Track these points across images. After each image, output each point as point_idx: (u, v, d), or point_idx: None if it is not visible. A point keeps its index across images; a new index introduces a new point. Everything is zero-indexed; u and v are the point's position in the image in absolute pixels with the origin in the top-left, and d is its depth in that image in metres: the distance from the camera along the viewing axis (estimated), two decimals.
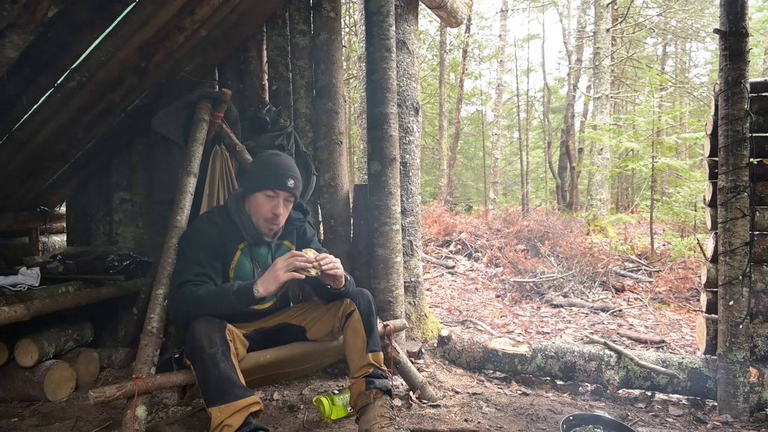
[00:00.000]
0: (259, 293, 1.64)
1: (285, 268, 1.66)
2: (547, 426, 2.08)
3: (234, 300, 1.64)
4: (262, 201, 1.84)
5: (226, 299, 1.64)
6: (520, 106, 16.07)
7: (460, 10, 3.46)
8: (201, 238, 1.81)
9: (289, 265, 1.66)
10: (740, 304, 2.24)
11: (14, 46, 1.87)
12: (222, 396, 1.49)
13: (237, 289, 1.66)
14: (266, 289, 1.65)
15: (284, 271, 1.66)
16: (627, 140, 7.88)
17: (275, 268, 1.67)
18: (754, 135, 2.32)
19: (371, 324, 1.88)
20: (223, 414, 1.47)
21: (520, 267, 5.60)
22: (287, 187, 1.83)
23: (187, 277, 1.71)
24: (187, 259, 1.78)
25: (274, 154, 1.92)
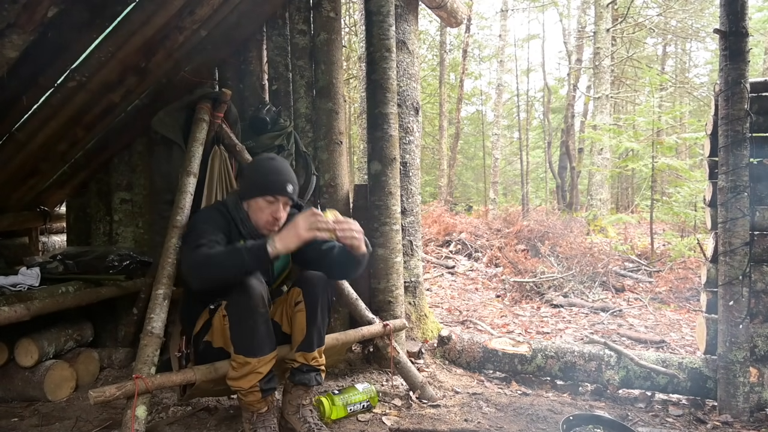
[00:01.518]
0: (276, 249, 1.60)
1: (307, 226, 1.61)
2: (547, 426, 2.08)
3: (246, 257, 1.60)
4: (263, 206, 1.84)
5: (239, 256, 1.60)
6: (520, 106, 16.06)
7: (460, 10, 3.46)
8: (210, 219, 1.82)
9: (312, 224, 1.62)
10: (740, 304, 2.24)
11: (14, 46, 1.87)
12: (261, 350, 1.70)
13: (251, 247, 1.62)
14: (285, 246, 1.61)
15: (306, 229, 1.61)
16: (627, 140, 7.88)
17: (296, 225, 1.62)
18: (754, 135, 2.32)
19: (315, 318, 1.84)
20: (260, 363, 1.70)
21: (520, 267, 5.60)
22: (287, 193, 1.84)
23: (199, 241, 1.68)
24: (199, 230, 1.75)
25: (271, 159, 1.93)
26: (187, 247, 1.73)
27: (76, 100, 2.47)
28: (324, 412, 2.06)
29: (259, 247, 1.61)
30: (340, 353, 2.32)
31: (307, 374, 1.88)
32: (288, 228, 1.64)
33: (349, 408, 2.10)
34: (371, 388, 2.21)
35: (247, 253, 1.61)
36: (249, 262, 1.61)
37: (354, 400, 2.12)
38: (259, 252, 1.60)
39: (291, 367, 1.88)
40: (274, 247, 1.60)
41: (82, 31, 2.16)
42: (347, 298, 2.38)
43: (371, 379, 2.53)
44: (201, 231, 1.74)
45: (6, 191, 2.91)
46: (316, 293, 1.84)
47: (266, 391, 1.75)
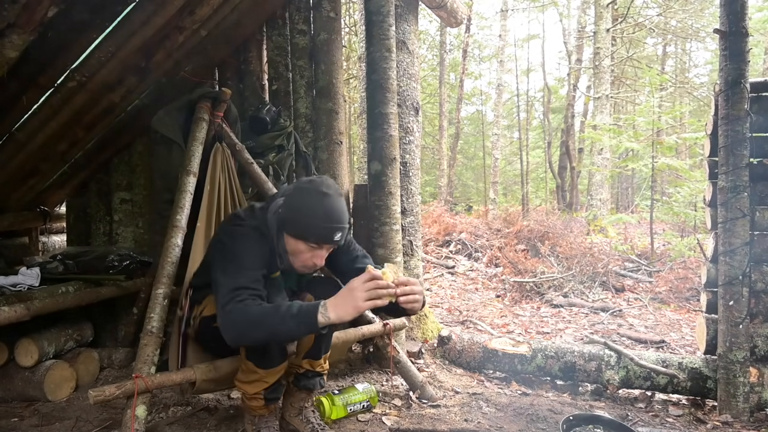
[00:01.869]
0: (329, 320, 1.41)
1: (366, 296, 1.41)
2: (547, 426, 2.08)
3: (293, 326, 1.41)
4: (303, 249, 1.61)
5: (285, 323, 1.41)
6: (520, 106, 16.07)
7: (460, 10, 3.46)
8: (254, 250, 1.59)
9: (372, 294, 1.42)
10: (740, 304, 2.24)
11: (14, 46, 1.87)
12: (271, 362, 1.66)
13: (297, 312, 1.41)
14: (340, 318, 1.41)
15: (365, 300, 1.41)
16: (627, 140, 7.88)
17: (354, 295, 1.42)
18: (754, 135, 2.32)
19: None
20: (268, 374, 1.67)
21: (520, 267, 5.60)
22: (333, 242, 1.61)
23: (241, 282, 1.48)
24: (241, 263, 1.54)
25: (323, 195, 1.58)
26: (225, 284, 1.50)
27: (76, 100, 2.47)
28: (324, 412, 2.05)
29: (309, 315, 1.41)
30: (341, 352, 2.32)
31: (312, 379, 1.86)
32: (344, 296, 1.43)
33: (349, 408, 2.10)
34: (371, 388, 2.21)
35: (294, 320, 1.40)
36: (295, 330, 1.43)
37: (354, 400, 2.12)
38: (309, 322, 1.41)
39: (295, 372, 1.86)
40: (327, 317, 1.40)
41: (82, 31, 2.16)
42: None
43: (371, 379, 2.53)
44: (243, 266, 1.54)
45: (6, 191, 2.91)
46: None
47: (270, 400, 1.73)
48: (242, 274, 1.50)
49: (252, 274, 1.52)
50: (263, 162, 2.64)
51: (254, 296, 1.47)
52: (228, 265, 1.54)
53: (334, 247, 1.67)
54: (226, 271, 1.53)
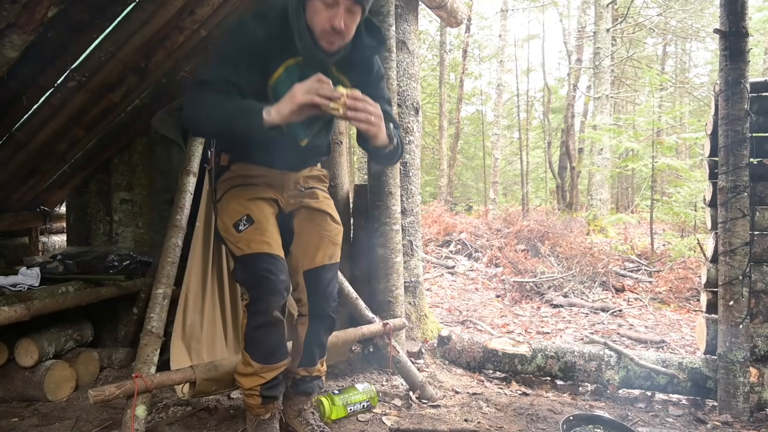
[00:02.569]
0: (270, 116, 1.33)
1: (304, 89, 1.32)
2: (547, 426, 2.08)
3: (234, 116, 1.38)
4: (319, 8, 1.42)
5: (226, 112, 1.38)
6: (520, 106, 16.07)
7: (460, 10, 3.46)
8: (244, 38, 1.47)
9: (311, 89, 1.32)
10: (740, 304, 2.24)
11: (14, 46, 1.87)
12: (267, 358, 1.66)
13: (244, 108, 1.38)
14: (279, 113, 1.33)
15: (303, 92, 1.32)
16: (627, 140, 7.88)
17: (293, 89, 1.34)
18: (754, 135, 2.32)
19: (318, 337, 1.78)
20: (264, 370, 1.66)
21: (520, 267, 5.60)
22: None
23: (208, 77, 1.45)
24: (219, 59, 1.51)
25: None
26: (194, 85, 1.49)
27: (76, 100, 2.47)
28: (324, 412, 2.06)
29: (251, 110, 1.37)
30: (341, 352, 2.32)
31: (310, 383, 1.85)
32: (287, 95, 1.35)
33: (349, 408, 2.10)
34: (371, 388, 2.21)
35: (236, 112, 1.38)
36: (237, 123, 1.39)
37: (354, 400, 2.12)
38: (251, 116, 1.36)
39: (293, 378, 1.84)
40: (269, 114, 1.34)
41: (82, 31, 2.16)
42: (347, 297, 2.38)
43: (371, 379, 2.54)
44: (222, 60, 1.49)
45: (6, 191, 2.92)
46: (324, 311, 1.76)
47: (267, 398, 1.71)
48: (213, 70, 1.47)
49: (221, 72, 1.45)
50: None
51: (218, 89, 1.42)
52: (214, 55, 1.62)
53: (356, 9, 1.43)
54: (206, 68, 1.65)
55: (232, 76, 1.45)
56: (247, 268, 1.60)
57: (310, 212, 1.79)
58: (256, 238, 1.59)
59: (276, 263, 1.59)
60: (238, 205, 1.64)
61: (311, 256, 1.74)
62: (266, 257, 1.59)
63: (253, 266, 1.59)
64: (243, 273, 1.62)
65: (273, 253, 1.60)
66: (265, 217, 1.65)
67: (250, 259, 1.59)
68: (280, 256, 1.62)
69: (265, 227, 1.62)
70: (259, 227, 1.61)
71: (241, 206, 1.63)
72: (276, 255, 1.61)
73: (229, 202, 1.66)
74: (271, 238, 1.62)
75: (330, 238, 1.78)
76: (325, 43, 1.45)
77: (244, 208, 1.63)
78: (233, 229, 1.61)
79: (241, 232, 1.60)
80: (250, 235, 1.59)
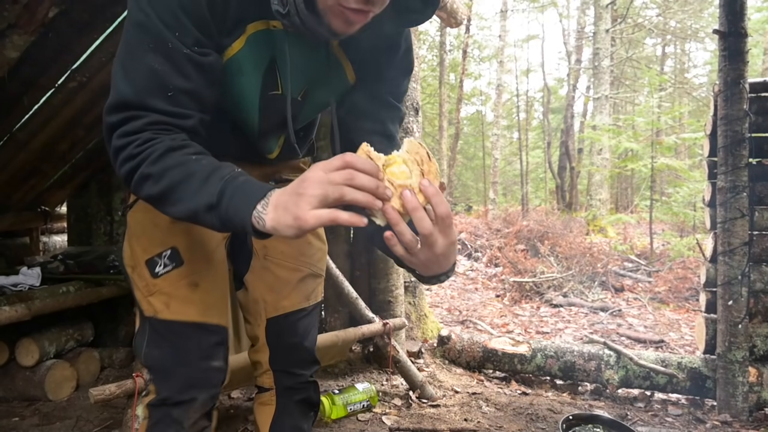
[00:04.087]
0: (263, 225, 0.69)
1: (318, 198, 0.66)
2: (546, 425, 2.09)
3: (205, 214, 0.72)
4: None
5: (192, 203, 0.72)
6: (519, 106, 16.09)
7: (459, 11, 3.47)
8: None
9: (333, 193, 0.65)
10: (739, 303, 2.24)
11: (15, 46, 1.88)
12: None
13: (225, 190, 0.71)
14: (275, 226, 0.68)
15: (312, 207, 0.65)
16: (626, 140, 7.89)
17: (305, 189, 0.67)
18: (753, 135, 2.32)
19: (282, 425, 1.14)
20: None
21: (520, 267, 5.61)
22: None
23: (147, 99, 0.75)
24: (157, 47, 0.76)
25: None
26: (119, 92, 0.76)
27: (76, 101, 2.48)
28: (324, 412, 2.06)
29: (237, 209, 0.70)
30: (341, 352, 2.33)
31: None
32: (293, 187, 0.68)
33: (349, 407, 2.10)
34: (371, 387, 2.22)
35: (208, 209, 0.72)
36: (206, 220, 0.73)
37: (354, 399, 2.12)
38: (232, 217, 0.71)
39: None
40: (261, 219, 0.69)
41: (82, 31, 2.16)
42: (347, 297, 2.39)
43: (371, 378, 2.54)
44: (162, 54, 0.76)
45: (7, 191, 2.92)
46: (299, 383, 1.15)
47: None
48: (155, 76, 0.74)
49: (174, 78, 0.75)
50: None
51: (166, 128, 0.75)
52: (135, 49, 0.76)
53: None
54: (125, 63, 0.76)
55: (183, 81, 0.77)
56: (158, 343, 0.98)
57: None
58: (183, 293, 0.98)
59: (211, 340, 0.99)
60: (157, 228, 0.97)
61: (280, 295, 1.11)
62: (196, 331, 0.98)
63: (170, 342, 0.98)
64: (151, 348, 0.99)
65: (208, 323, 0.99)
66: (204, 254, 1.01)
67: (167, 330, 0.98)
68: (220, 327, 1.01)
69: (200, 273, 0.99)
70: (190, 272, 0.98)
71: (163, 231, 0.97)
72: (214, 326, 1.00)
73: (146, 219, 0.98)
74: (209, 293, 1.00)
75: (310, 266, 1.14)
76: (338, 23, 0.79)
77: (169, 234, 0.97)
78: (146, 270, 0.98)
79: (159, 276, 0.97)
80: (173, 287, 0.97)
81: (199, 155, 0.76)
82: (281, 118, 0.97)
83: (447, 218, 0.70)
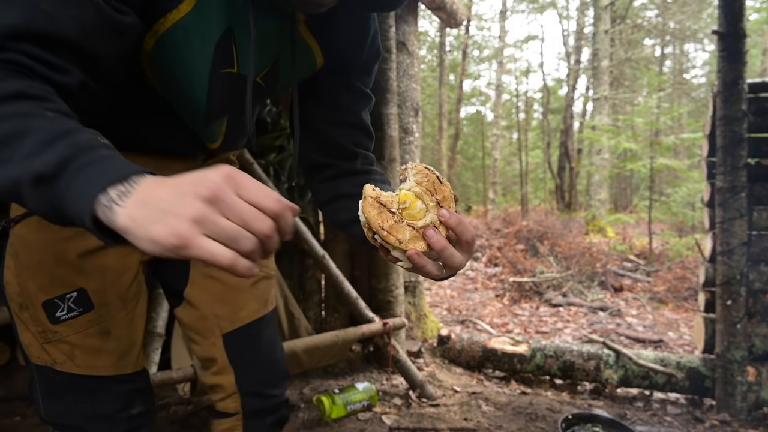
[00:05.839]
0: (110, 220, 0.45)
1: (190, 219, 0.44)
2: (546, 425, 2.09)
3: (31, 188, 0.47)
4: None
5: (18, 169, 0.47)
6: (519, 106, 16.10)
7: (459, 11, 3.48)
8: None
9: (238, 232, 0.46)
10: (738, 303, 2.25)
11: None
12: None
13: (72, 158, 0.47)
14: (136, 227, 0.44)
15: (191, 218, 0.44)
16: (625, 141, 7.90)
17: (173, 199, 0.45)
18: (752, 136, 2.33)
19: None
20: None
21: (519, 267, 5.62)
22: None
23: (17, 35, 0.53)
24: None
25: None
26: None
27: None
28: (324, 411, 2.07)
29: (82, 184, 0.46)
30: (341, 352, 2.33)
31: None
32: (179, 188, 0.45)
33: (349, 407, 2.11)
34: (371, 387, 2.22)
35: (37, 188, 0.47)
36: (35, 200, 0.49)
37: (354, 399, 2.13)
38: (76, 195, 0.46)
39: None
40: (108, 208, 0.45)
41: None
42: (347, 297, 2.39)
43: (371, 378, 2.55)
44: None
45: None
46: (270, 400, 1.00)
47: None
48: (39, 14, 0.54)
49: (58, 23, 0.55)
50: (264, 162, 2.65)
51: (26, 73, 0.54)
52: None
53: None
54: None
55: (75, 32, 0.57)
56: (59, 395, 0.81)
57: None
58: (91, 342, 0.79)
59: (128, 388, 0.85)
60: (62, 263, 0.78)
61: (234, 305, 0.96)
62: (108, 383, 0.82)
63: (75, 395, 0.81)
64: (52, 402, 0.82)
65: (123, 375, 0.84)
66: (118, 293, 0.83)
67: (70, 383, 0.80)
68: (137, 374, 0.87)
69: (113, 317, 0.82)
70: (100, 318, 0.81)
71: (69, 268, 0.78)
72: (130, 375, 0.85)
73: (45, 247, 0.78)
74: (123, 339, 0.84)
75: (260, 266, 0.99)
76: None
77: (78, 273, 0.79)
78: (42, 313, 0.78)
79: (61, 323, 0.78)
80: (79, 335, 0.79)
81: (58, 114, 0.51)
82: (231, 102, 0.81)
83: (472, 242, 0.65)
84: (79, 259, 0.78)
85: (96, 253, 0.80)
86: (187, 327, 0.98)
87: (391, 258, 0.65)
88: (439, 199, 0.65)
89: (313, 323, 2.56)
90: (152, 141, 0.83)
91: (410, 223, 0.63)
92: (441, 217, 0.64)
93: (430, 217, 0.65)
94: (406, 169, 0.68)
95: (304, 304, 2.63)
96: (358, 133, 0.89)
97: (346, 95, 0.88)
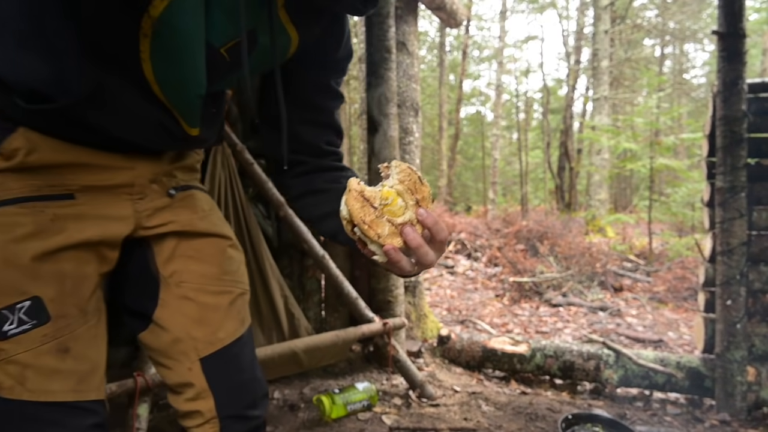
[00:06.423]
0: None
1: None
2: (546, 425, 2.09)
3: None
4: None
5: None
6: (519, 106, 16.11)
7: (459, 11, 3.48)
8: None
9: None
10: (738, 303, 2.25)
11: None
12: None
13: None
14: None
15: None
16: (625, 141, 7.90)
17: None
18: (752, 136, 2.33)
19: None
20: None
21: (519, 267, 5.62)
22: None
23: None
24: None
25: None
26: None
27: None
28: (324, 411, 2.07)
29: None
30: (341, 352, 2.33)
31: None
32: None
33: (349, 407, 2.11)
34: (371, 387, 2.22)
35: None
36: None
37: (354, 399, 2.13)
38: None
39: None
40: None
41: None
42: (347, 297, 2.40)
43: (371, 378, 2.55)
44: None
45: None
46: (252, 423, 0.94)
47: None
48: None
49: None
50: (264, 163, 2.65)
51: None
52: None
53: None
54: None
55: None
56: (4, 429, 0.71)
57: (192, 242, 0.90)
58: (47, 362, 0.69)
59: (85, 423, 0.73)
60: (12, 266, 0.68)
61: (211, 327, 0.89)
62: (66, 413, 0.71)
63: (23, 430, 0.70)
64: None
65: (83, 402, 0.73)
66: (77, 304, 0.74)
67: (20, 414, 0.68)
68: (97, 404, 0.76)
69: (73, 332, 0.73)
70: (58, 333, 0.71)
71: (21, 271, 0.68)
72: (90, 404, 0.74)
73: None
74: (84, 359, 0.74)
75: (237, 284, 0.95)
76: None
77: (31, 277, 0.69)
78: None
79: (9, 338, 0.67)
80: (33, 354, 0.68)
81: None
82: None
83: (445, 242, 0.68)
84: (33, 262, 0.67)
85: (54, 255, 0.70)
86: (155, 352, 0.90)
87: (368, 251, 0.67)
88: (418, 198, 0.68)
89: (313, 323, 2.56)
90: (113, 131, 0.73)
91: (390, 219, 0.66)
92: (419, 216, 0.67)
93: (408, 215, 0.67)
94: (389, 166, 0.70)
95: (304, 304, 2.63)
96: (331, 132, 0.90)
97: (321, 94, 0.87)
